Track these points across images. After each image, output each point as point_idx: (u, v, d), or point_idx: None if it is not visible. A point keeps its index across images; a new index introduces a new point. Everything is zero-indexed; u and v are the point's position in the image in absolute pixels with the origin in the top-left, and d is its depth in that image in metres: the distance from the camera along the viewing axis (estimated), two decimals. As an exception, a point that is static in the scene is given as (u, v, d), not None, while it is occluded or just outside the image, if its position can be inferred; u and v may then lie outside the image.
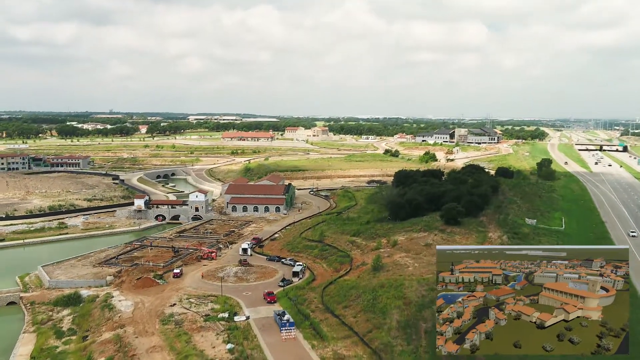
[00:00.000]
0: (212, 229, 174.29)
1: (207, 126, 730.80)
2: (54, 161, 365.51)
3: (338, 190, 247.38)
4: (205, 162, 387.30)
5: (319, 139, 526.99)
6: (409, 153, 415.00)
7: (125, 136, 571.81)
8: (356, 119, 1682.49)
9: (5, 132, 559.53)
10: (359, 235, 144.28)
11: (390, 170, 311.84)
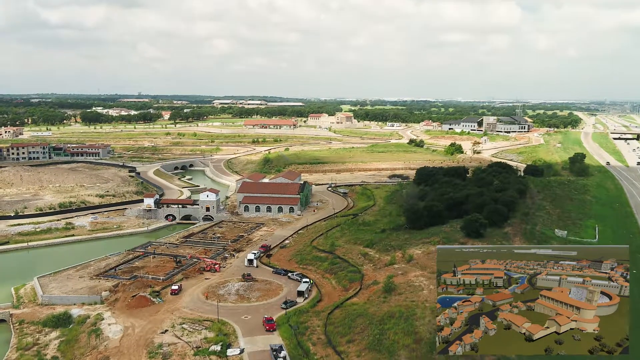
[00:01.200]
0: (221, 232, 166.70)
1: (231, 112, 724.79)
2: (74, 150, 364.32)
3: (357, 186, 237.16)
4: (225, 151, 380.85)
5: (342, 126, 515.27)
6: (435, 142, 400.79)
7: (148, 122, 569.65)
8: (383, 102, 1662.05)
9: (31, 118, 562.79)
10: (372, 246, 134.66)
11: (414, 163, 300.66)
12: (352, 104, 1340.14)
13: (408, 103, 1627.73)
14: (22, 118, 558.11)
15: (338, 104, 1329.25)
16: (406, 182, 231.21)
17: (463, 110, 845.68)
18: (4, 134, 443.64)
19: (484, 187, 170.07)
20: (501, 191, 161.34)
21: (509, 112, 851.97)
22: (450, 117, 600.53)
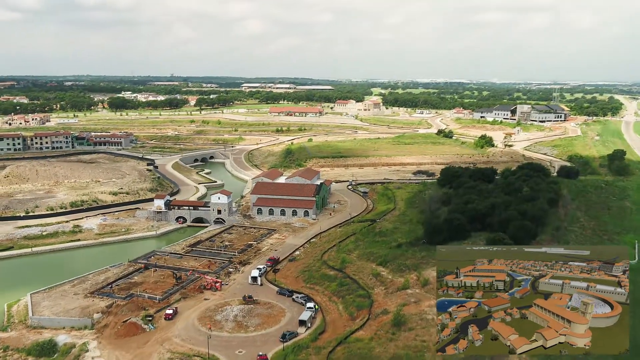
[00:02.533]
0: (229, 240, 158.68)
1: (259, 96, 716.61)
2: (97, 140, 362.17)
3: (378, 186, 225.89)
4: (247, 141, 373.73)
5: (369, 113, 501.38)
6: (465, 133, 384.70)
7: (174, 108, 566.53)
8: (415, 84, 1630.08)
9: (59, 104, 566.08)
10: (386, 264, 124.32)
11: (441, 157, 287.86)
12: (383, 86, 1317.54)
13: (441, 85, 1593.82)
14: (51, 104, 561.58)
15: (369, 87, 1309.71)
16: (430, 182, 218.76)
17: (497, 95, 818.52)
18: (31, 122, 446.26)
19: (512, 195, 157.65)
20: (531, 200, 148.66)
21: (546, 95, 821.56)
22: (483, 104, 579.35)
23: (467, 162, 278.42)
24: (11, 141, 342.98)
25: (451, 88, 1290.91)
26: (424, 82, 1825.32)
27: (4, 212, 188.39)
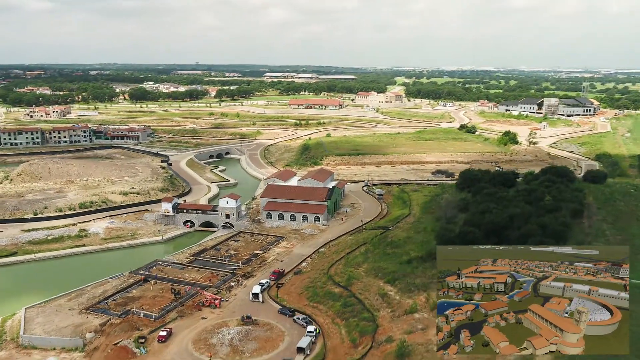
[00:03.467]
0: (235, 248, 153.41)
1: (280, 87, 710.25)
2: (114, 134, 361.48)
3: (394, 187, 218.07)
4: (265, 135, 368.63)
5: (391, 106, 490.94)
6: (489, 128, 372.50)
7: (194, 100, 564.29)
8: (441, 72, 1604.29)
9: (81, 95, 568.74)
10: (394, 282, 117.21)
11: (462, 155, 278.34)
12: (408, 75, 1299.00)
13: (467, 74, 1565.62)
14: (73, 95, 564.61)
15: (393, 76, 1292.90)
16: (448, 185, 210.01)
17: (524, 85, 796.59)
18: (52, 114, 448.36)
19: (533, 204, 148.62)
20: (553, 212, 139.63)
21: (575, 85, 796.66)
22: (509, 95, 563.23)
23: (489, 161, 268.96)
24: (30, 135, 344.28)
25: (477, 77, 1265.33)
26: (449, 71, 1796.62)
27: (12, 213, 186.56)
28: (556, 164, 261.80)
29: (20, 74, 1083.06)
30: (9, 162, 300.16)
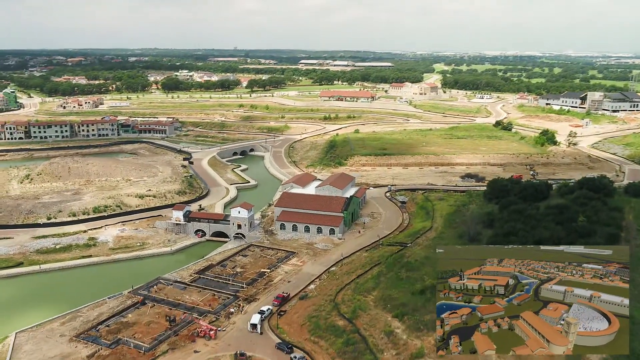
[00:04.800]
0: (242, 265, 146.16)
1: (314, 75, 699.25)
2: (142, 127, 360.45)
3: (418, 194, 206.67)
4: (293, 130, 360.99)
5: (425, 98, 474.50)
6: (527, 124, 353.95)
7: (226, 90, 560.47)
8: (483, 58, 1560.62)
9: (115, 85, 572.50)
10: (403, 318, 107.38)
11: (495, 156, 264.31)
12: (447, 61, 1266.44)
13: (510, 60, 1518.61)
14: (108, 85, 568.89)
15: (432, 62, 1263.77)
16: (476, 193, 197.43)
17: (569, 74, 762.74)
18: (84, 105, 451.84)
19: (564, 225, 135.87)
20: (586, 237, 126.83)
21: (625, 74, 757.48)
22: (552, 86, 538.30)
23: (524, 164, 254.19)
24: (59, 128, 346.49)
25: (520, 63, 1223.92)
26: (492, 56, 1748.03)
27: (26, 217, 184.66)
28: (596, 168, 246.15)
29: (62, 61, 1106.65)
30: (36, 157, 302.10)
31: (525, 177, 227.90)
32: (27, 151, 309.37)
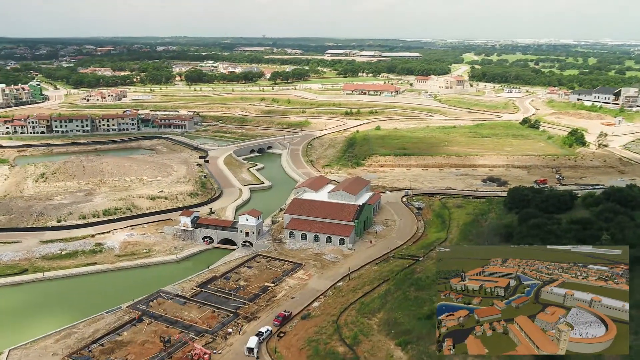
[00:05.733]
0: (246, 278, 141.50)
1: (339, 67, 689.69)
2: (162, 122, 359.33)
3: (436, 199, 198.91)
4: (313, 125, 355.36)
5: (451, 92, 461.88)
6: (555, 122, 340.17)
7: (249, 82, 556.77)
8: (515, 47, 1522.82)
9: (139, 77, 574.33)
10: (406, 347, 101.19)
11: (519, 158, 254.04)
12: (478, 51, 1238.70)
13: (543, 48, 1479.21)
14: (132, 77, 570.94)
15: (462, 51, 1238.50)
16: (497, 200, 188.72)
17: (603, 65, 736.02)
18: (107, 98, 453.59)
19: (586, 243, 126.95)
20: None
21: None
22: (585, 79, 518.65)
23: (550, 166, 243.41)
24: (80, 123, 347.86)
25: (554, 52, 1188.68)
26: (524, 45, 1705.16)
27: (36, 219, 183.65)
28: (627, 172, 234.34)
29: (91, 50, 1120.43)
30: (55, 152, 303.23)
31: (550, 182, 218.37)
32: (47, 146, 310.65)
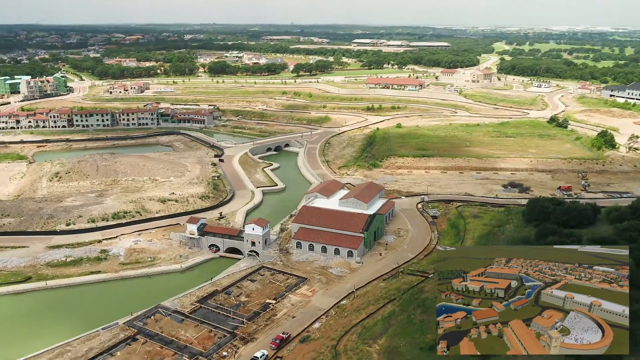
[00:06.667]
0: (248, 293, 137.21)
1: (365, 58, 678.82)
2: (181, 117, 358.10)
3: (452, 206, 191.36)
4: (332, 121, 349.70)
5: (478, 86, 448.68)
6: (585, 120, 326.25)
7: (272, 74, 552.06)
8: (548, 35, 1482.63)
9: (163, 68, 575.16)
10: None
11: (543, 161, 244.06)
12: (510, 39, 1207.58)
13: (578, 36, 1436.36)
14: (156, 69, 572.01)
15: (493, 40, 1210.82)
16: (516, 208, 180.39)
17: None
18: (130, 91, 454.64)
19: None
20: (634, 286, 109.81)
21: None
22: (620, 72, 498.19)
23: (576, 170, 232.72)
24: (100, 117, 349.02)
25: (589, 41, 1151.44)
26: (558, 32, 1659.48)
27: (46, 222, 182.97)
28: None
29: (120, 39, 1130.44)
30: (74, 148, 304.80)
31: (575, 188, 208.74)
32: (66, 142, 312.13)
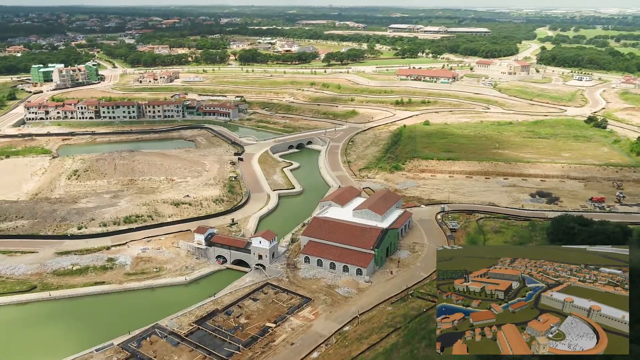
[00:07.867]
0: (249, 314, 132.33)
1: (400, 45, 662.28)
2: (206, 109, 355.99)
3: (474, 218, 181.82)
4: (359, 117, 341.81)
5: (514, 78, 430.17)
6: (627, 120, 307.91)
7: (303, 63, 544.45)
8: (596, 19, 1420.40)
9: (194, 56, 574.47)
10: None
11: (577, 167, 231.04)
12: (554, 24, 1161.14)
13: (629, 21, 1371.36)
14: (187, 57, 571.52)
15: (537, 25, 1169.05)
16: (542, 222, 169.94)
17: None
18: (159, 80, 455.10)
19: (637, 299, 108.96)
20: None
21: None
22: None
23: (611, 179, 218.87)
24: (127, 109, 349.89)
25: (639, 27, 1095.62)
26: (607, 16, 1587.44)
27: (59, 225, 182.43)
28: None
29: (157, 23, 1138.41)
30: (98, 141, 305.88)
31: (608, 199, 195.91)
32: (91, 134, 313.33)
